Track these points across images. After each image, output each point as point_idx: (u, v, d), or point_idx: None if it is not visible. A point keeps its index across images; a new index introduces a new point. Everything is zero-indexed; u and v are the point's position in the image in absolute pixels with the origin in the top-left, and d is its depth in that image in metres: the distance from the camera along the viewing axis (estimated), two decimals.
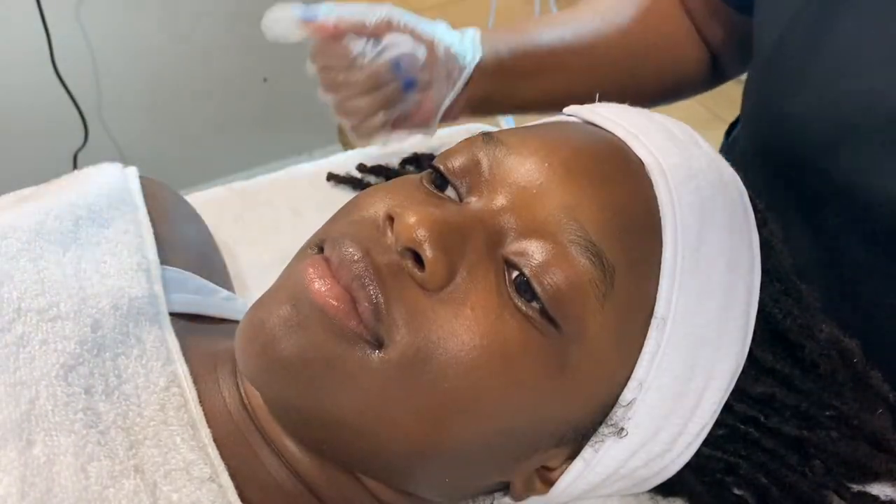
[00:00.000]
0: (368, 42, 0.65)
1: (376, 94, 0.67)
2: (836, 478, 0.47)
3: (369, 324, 0.37)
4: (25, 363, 0.41)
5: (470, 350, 0.37)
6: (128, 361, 0.44)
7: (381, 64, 0.65)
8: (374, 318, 0.37)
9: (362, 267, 0.38)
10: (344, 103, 0.68)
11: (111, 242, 0.49)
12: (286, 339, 0.38)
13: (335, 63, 0.66)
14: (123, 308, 0.45)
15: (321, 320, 0.37)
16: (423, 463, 0.40)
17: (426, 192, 0.42)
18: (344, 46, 0.64)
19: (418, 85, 0.68)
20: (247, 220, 0.73)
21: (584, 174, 0.40)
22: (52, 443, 0.38)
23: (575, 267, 0.38)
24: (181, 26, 1.53)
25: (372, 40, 0.65)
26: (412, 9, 0.69)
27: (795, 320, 0.46)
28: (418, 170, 0.72)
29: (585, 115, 0.47)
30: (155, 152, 1.63)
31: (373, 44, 0.65)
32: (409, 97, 0.68)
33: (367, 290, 0.37)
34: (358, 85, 0.66)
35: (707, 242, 0.41)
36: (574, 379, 0.39)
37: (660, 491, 0.49)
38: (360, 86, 0.66)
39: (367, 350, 0.37)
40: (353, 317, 0.37)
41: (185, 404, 0.42)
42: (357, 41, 0.64)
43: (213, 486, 0.39)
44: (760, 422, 0.46)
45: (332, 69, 0.66)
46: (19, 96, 1.44)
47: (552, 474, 0.44)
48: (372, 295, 0.37)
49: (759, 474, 0.46)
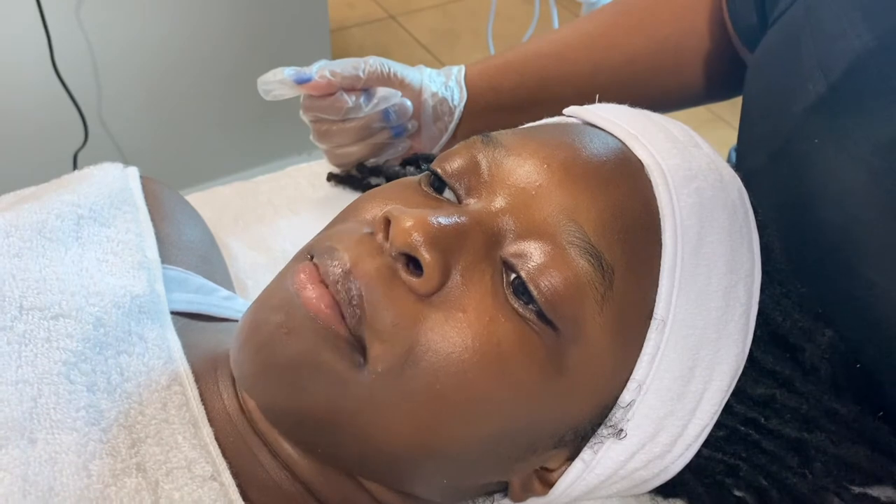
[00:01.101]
0: (361, 95, 0.68)
1: (368, 142, 0.70)
2: (836, 479, 0.47)
3: (355, 330, 0.37)
4: (28, 361, 0.41)
5: (461, 352, 0.37)
6: (130, 360, 0.44)
7: (372, 114, 0.69)
8: (360, 324, 0.37)
9: (350, 274, 0.38)
10: (336, 151, 0.71)
11: (112, 241, 0.49)
12: (278, 346, 0.38)
13: (328, 116, 0.68)
14: (125, 306, 0.45)
15: (312, 327, 0.37)
16: (419, 464, 0.40)
17: (424, 194, 0.42)
18: (337, 100, 0.67)
19: (407, 131, 0.72)
20: (247, 220, 0.73)
21: (584, 175, 0.40)
22: (54, 441, 0.38)
23: (573, 269, 0.38)
24: (181, 26, 1.53)
25: (363, 93, 0.68)
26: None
27: (796, 322, 0.46)
28: (418, 170, 0.72)
29: (585, 116, 0.47)
30: (155, 152, 1.63)
31: (365, 97, 0.68)
32: (398, 143, 0.72)
33: (353, 296, 0.37)
34: (350, 134, 0.69)
35: (707, 244, 0.41)
36: (572, 381, 0.39)
37: (660, 492, 0.49)
38: (352, 135, 0.69)
39: (355, 356, 0.37)
40: (340, 323, 0.37)
41: (187, 403, 0.42)
42: (349, 95, 0.67)
43: (214, 485, 0.39)
44: (761, 423, 0.46)
45: (324, 121, 0.69)
46: (19, 96, 1.44)
47: (551, 475, 0.44)
48: (356, 302, 0.37)
49: (759, 476, 0.46)
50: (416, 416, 0.37)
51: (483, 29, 1.74)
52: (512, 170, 0.41)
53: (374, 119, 0.69)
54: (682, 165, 0.43)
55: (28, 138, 1.48)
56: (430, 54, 2.26)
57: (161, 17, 1.50)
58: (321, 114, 0.68)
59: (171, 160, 1.62)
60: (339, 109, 0.67)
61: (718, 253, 0.42)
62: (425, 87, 0.71)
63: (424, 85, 0.71)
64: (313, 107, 0.68)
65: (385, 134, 0.71)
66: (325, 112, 0.68)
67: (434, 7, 2.50)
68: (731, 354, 0.43)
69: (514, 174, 0.41)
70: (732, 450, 0.46)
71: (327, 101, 0.67)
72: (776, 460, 0.46)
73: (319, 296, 0.37)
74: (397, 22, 2.43)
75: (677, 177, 0.42)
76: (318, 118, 0.69)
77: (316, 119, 0.70)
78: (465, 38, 2.38)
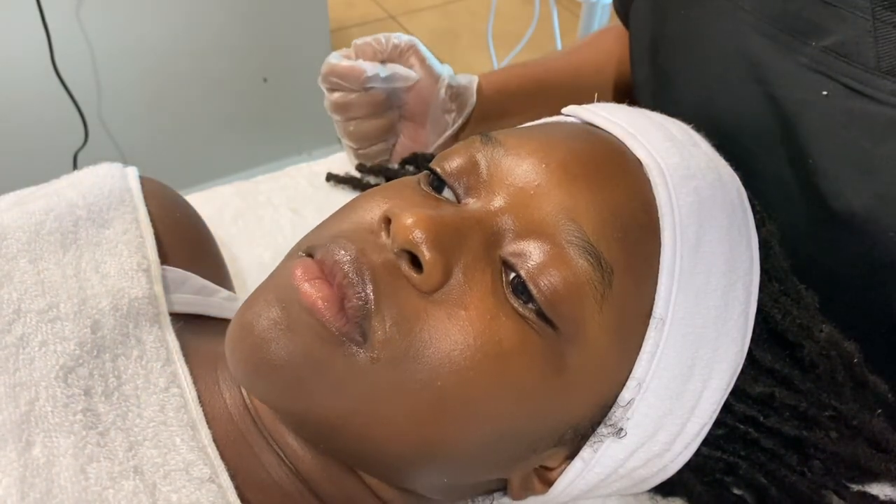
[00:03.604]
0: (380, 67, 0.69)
1: (380, 118, 0.72)
2: (835, 478, 0.47)
3: (358, 322, 0.37)
4: (25, 364, 0.41)
5: (463, 350, 0.37)
6: (127, 362, 0.44)
7: (385, 91, 0.70)
8: (363, 315, 0.37)
9: (356, 266, 0.37)
10: (349, 126, 0.72)
11: (111, 243, 0.49)
12: (275, 342, 0.37)
13: (346, 84, 0.69)
14: (123, 308, 0.45)
15: (310, 323, 0.37)
16: (419, 462, 0.40)
17: (423, 194, 0.42)
18: (355, 67, 0.68)
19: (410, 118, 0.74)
20: (247, 219, 0.73)
21: (583, 175, 0.40)
22: (52, 444, 0.38)
23: (573, 268, 0.38)
24: (181, 26, 1.53)
25: (381, 67, 0.69)
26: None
27: (794, 320, 0.46)
28: (418, 170, 0.72)
29: (584, 116, 0.47)
30: (155, 152, 1.63)
31: (382, 70, 0.69)
32: (398, 129, 0.74)
33: (357, 287, 0.37)
34: (365, 107, 0.70)
35: (706, 242, 0.41)
36: (572, 380, 0.39)
37: (659, 491, 0.49)
38: (368, 108, 0.70)
39: (356, 352, 0.37)
40: (341, 317, 0.36)
41: (185, 405, 0.42)
42: (368, 64, 0.69)
43: (212, 487, 0.39)
44: (760, 421, 0.46)
45: (341, 89, 0.70)
46: (19, 96, 1.44)
47: (551, 474, 0.44)
48: (361, 292, 0.37)
49: (758, 474, 0.46)
50: (416, 414, 0.37)
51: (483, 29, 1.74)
52: (511, 169, 0.41)
53: (386, 98, 0.71)
54: (680, 164, 0.43)
55: (28, 138, 1.48)
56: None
57: (161, 17, 1.50)
58: (339, 79, 0.69)
59: (171, 160, 1.62)
60: (357, 77, 0.68)
61: (717, 252, 0.42)
62: (444, 77, 0.72)
63: (444, 75, 0.72)
64: (333, 72, 0.69)
65: (396, 114, 0.73)
66: (344, 78, 0.69)
67: (434, 7, 2.50)
68: (730, 353, 0.43)
69: (513, 173, 0.41)
70: (731, 448, 0.46)
71: (347, 67, 0.68)
72: (775, 458, 0.46)
73: (318, 290, 0.37)
74: (397, 22, 2.43)
75: (676, 176, 0.42)
76: (336, 85, 0.70)
77: (335, 87, 0.70)
78: (465, 38, 2.38)
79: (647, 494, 0.50)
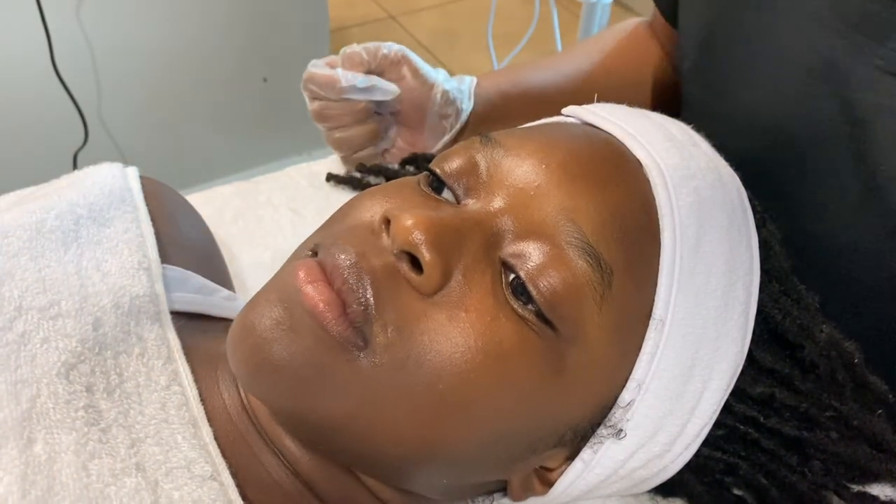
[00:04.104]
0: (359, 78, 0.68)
1: (365, 125, 0.71)
2: (835, 478, 0.47)
3: (359, 327, 0.37)
4: (26, 361, 0.41)
5: (464, 352, 0.36)
6: (129, 360, 0.44)
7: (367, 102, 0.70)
8: (364, 320, 0.37)
9: (356, 270, 0.37)
10: (334, 133, 0.72)
11: (112, 241, 0.49)
12: (277, 343, 0.37)
13: (322, 92, 0.69)
14: (125, 306, 0.45)
15: (312, 325, 0.37)
16: (419, 463, 0.40)
17: (423, 194, 0.42)
18: (331, 77, 0.67)
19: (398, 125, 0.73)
20: (247, 220, 0.73)
21: (582, 176, 0.40)
22: (53, 441, 0.38)
23: (572, 269, 0.38)
24: (181, 26, 1.53)
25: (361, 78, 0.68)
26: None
27: (794, 321, 0.46)
28: (418, 170, 0.72)
29: (583, 116, 0.47)
30: (155, 152, 1.63)
31: (361, 81, 0.68)
32: (390, 136, 0.74)
33: (358, 293, 0.37)
34: (348, 116, 0.70)
35: (706, 243, 0.41)
36: (572, 381, 0.39)
37: (659, 491, 0.49)
38: (351, 116, 0.70)
39: (357, 355, 0.37)
40: (343, 321, 0.36)
41: (186, 403, 0.42)
42: (346, 74, 0.68)
43: (213, 485, 0.39)
44: (760, 422, 0.46)
45: (322, 99, 0.70)
46: (19, 96, 1.44)
47: (551, 475, 0.44)
48: (362, 298, 0.37)
49: (758, 475, 0.46)
50: (417, 415, 0.37)
51: (483, 29, 1.73)
52: (510, 170, 0.41)
53: (370, 106, 0.71)
54: (680, 165, 0.43)
55: (28, 138, 1.48)
56: (429, 54, 2.26)
57: (161, 18, 1.50)
58: (317, 88, 0.69)
59: (171, 160, 1.62)
60: (333, 86, 0.68)
61: (717, 252, 0.42)
62: (438, 83, 0.71)
63: (438, 81, 0.72)
64: (311, 80, 0.69)
65: (386, 119, 0.73)
66: (321, 87, 0.68)
67: (434, 7, 2.50)
68: (730, 353, 0.43)
69: (512, 174, 0.41)
70: (732, 449, 0.46)
71: (324, 76, 0.68)
72: (775, 459, 0.46)
73: (321, 293, 0.37)
74: (397, 22, 2.43)
75: (676, 176, 0.42)
76: (315, 94, 0.70)
77: (314, 95, 0.70)
78: (465, 38, 2.38)
79: (647, 495, 0.50)
